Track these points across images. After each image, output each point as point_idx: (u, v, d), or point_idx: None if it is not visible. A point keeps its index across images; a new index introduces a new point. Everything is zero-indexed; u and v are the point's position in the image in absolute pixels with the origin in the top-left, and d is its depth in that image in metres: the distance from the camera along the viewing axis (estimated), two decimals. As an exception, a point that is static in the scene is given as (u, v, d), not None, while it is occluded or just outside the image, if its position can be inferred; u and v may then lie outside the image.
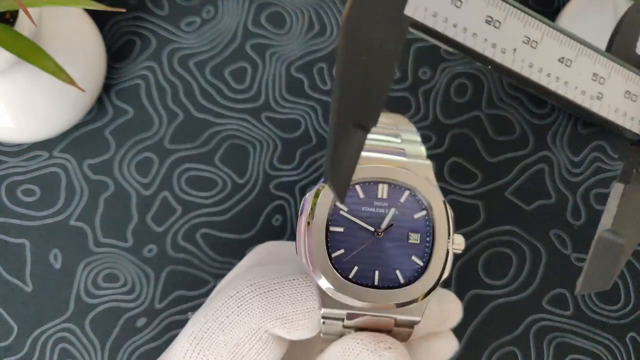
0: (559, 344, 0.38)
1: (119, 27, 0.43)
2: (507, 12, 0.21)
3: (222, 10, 0.44)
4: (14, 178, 0.40)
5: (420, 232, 0.25)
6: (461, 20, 0.21)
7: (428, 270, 0.25)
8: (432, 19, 0.20)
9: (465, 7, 0.21)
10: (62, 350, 0.37)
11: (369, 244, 0.25)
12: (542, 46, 0.22)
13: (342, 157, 0.20)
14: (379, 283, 0.25)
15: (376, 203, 0.26)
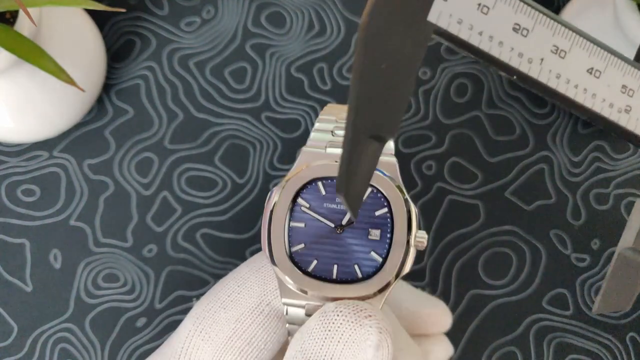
0: (559, 344, 0.38)
1: (119, 27, 0.43)
2: (535, 19, 0.20)
3: (222, 10, 0.44)
4: (14, 178, 0.40)
5: (380, 229, 0.26)
6: (488, 27, 0.20)
7: (385, 266, 0.25)
8: (456, 26, 0.19)
9: (492, 13, 0.20)
10: (62, 350, 0.37)
11: (329, 240, 0.26)
12: (570, 56, 0.21)
13: (356, 170, 0.19)
14: (337, 277, 0.25)
15: (338, 200, 0.26)
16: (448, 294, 0.39)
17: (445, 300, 0.39)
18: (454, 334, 0.38)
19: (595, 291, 0.39)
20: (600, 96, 0.21)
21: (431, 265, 0.39)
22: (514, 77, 0.21)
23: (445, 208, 0.40)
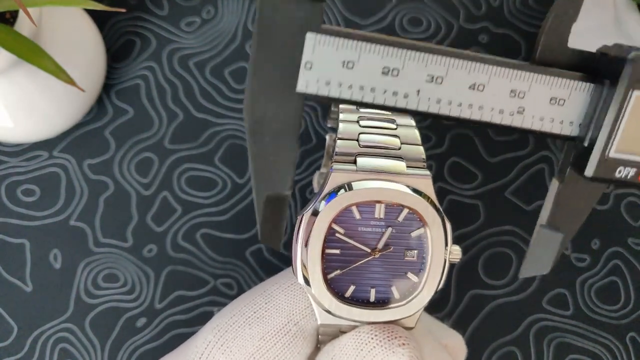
0: (559, 344, 0.38)
1: (119, 27, 0.43)
2: (404, 58, 0.21)
3: (222, 10, 0.44)
4: (14, 178, 0.40)
5: (417, 249, 0.26)
6: (356, 80, 0.21)
7: (424, 286, 0.25)
8: (326, 88, 0.21)
9: (358, 66, 0.21)
10: (62, 350, 0.37)
11: (365, 264, 0.25)
12: (448, 80, 0.22)
13: (269, 221, 0.23)
14: (375, 300, 0.25)
15: (373, 223, 0.26)
16: (448, 294, 0.39)
17: (445, 300, 0.39)
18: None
19: (595, 291, 0.39)
20: (488, 107, 0.22)
21: (431, 265, 0.39)
22: (392, 112, 0.23)
23: (446, 208, 0.40)
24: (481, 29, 0.44)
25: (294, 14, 0.20)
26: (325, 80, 0.21)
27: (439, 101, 0.22)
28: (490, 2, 0.45)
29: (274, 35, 0.21)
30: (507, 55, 0.45)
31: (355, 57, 0.21)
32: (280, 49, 0.21)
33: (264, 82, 0.21)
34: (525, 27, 0.44)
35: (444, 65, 0.22)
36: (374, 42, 0.21)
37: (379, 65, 0.21)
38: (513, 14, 0.45)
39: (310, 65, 0.21)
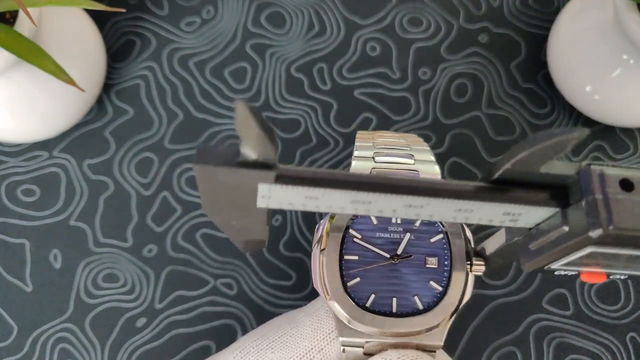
0: (559, 344, 0.38)
1: (119, 27, 0.43)
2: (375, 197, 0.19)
3: (222, 10, 0.44)
4: (14, 178, 0.40)
5: (437, 256, 0.25)
6: (322, 205, 0.20)
7: (447, 295, 0.24)
8: (289, 206, 0.20)
9: (323, 200, 0.19)
10: (62, 350, 0.37)
11: (385, 271, 0.25)
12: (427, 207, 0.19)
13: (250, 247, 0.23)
14: (397, 310, 0.24)
15: (390, 228, 0.25)
16: (448, 294, 0.39)
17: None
18: (454, 334, 0.38)
19: (595, 291, 0.39)
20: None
21: (431, 265, 0.39)
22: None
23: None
24: (481, 29, 0.44)
25: (240, 178, 0.18)
26: (288, 202, 0.20)
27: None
28: (490, 2, 0.45)
29: (220, 188, 0.19)
30: (507, 56, 0.45)
31: (320, 194, 0.19)
32: (232, 194, 0.19)
33: (219, 207, 0.20)
34: (525, 27, 0.44)
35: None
36: (338, 187, 0.19)
37: (347, 199, 0.19)
38: (513, 14, 0.45)
39: (269, 197, 0.19)
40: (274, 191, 0.19)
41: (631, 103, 0.38)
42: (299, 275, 0.39)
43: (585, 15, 0.39)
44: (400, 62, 0.43)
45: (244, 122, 0.17)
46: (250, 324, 0.38)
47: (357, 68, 0.43)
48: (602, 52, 0.37)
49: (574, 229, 0.18)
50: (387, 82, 0.43)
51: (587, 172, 0.18)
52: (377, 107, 0.42)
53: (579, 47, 0.39)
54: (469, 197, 0.19)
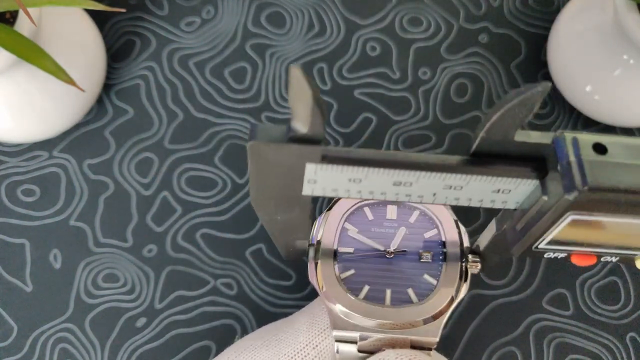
0: (559, 344, 0.38)
1: (119, 27, 0.43)
2: (417, 176, 0.20)
3: (222, 10, 0.44)
4: (14, 178, 0.40)
5: (432, 251, 0.25)
6: (365, 188, 0.20)
7: (441, 288, 0.24)
8: (333, 193, 0.21)
9: (366, 182, 0.20)
10: (62, 350, 0.37)
11: (380, 264, 0.25)
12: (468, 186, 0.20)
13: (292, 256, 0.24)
14: (391, 302, 0.24)
15: (385, 224, 0.26)
16: (448, 294, 0.39)
17: (445, 300, 0.39)
18: (454, 334, 0.38)
19: (595, 291, 0.39)
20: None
21: (431, 265, 0.39)
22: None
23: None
24: (481, 29, 0.44)
25: (289, 154, 0.19)
26: (331, 189, 0.20)
27: (457, 199, 0.21)
28: (490, 2, 0.45)
29: (271, 167, 0.20)
30: (507, 56, 0.45)
31: (363, 175, 0.20)
32: (281, 173, 0.20)
33: (268, 190, 0.21)
34: (525, 27, 0.44)
35: (465, 180, 0.20)
36: (381, 165, 0.19)
37: (389, 180, 0.20)
38: (513, 14, 0.45)
39: (314, 181, 0.20)
40: (319, 173, 0.20)
41: (631, 103, 0.38)
42: (299, 275, 0.39)
43: (585, 15, 0.39)
44: (400, 62, 0.43)
45: (298, 90, 0.17)
46: (250, 324, 0.38)
47: (357, 68, 0.43)
48: (602, 52, 0.37)
49: (552, 196, 0.19)
50: (387, 82, 0.43)
51: (561, 138, 0.18)
52: (377, 107, 0.42)
53: (579, 47, 0.39)
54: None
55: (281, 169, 0.20)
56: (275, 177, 0.20)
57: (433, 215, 0.26)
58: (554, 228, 0.20)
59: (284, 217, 0.22)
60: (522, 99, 0.17)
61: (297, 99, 0.18)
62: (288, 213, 0.22)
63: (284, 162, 0.19)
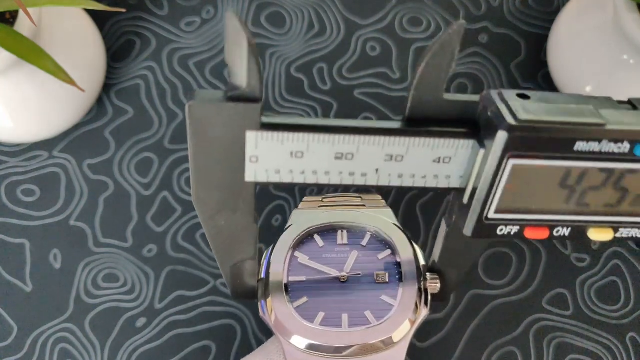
0: (559, 344, 0.38)
1: (119, 27, 0.43)
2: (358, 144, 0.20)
3: (222, 10, 0.44)
4: (14, 178, 0.40)
5: (387, 271, 0.25)
6: (308, 166, 0.20)
7: (399, 308, 0.24)
8: (276, 176, 0.20)
9: (308, 155, 0.20)
10: (62, 350, 0.37)
11: (334, 290, 0.24)
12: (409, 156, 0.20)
13: (239, 285, 0.24)
14: (348, 326, 0.23)
15: (337, 249, 0.25)
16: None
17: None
18: (454, 334, 0.38)
19: (595, 291, 0.39)
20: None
21: (431, 265, 0.39)
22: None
23: (445, 208, 0.40)
24: (481, 29, 0.44)
25: (228, 116, 0.19)
26: (274, 170, 0.20)
27: (401, 175, 0.21)
28: (490, 2, 0.45)
29: (210, 136, 0.19)
30: (507, 56, 0.45)
31: (304, 147, 0.20)
32: (221, 147, 0.20)
33: (208, 176, 0.20)
34: (525, 27, 0.44)
35: (404, 145, 0.20)
36: (321, 131, 0.20)
37: (331, 152, 0.20)
38: (513, 14, 0.45)
39: (256, 158, 0.20)
40: (260, 146, 0.19)
41: (631, 103, 0.38)
42: (299, 275, 0.38)
43: (585, 15, 0.39)
44: (400, 62, 0.43)
45: (234, 40, 0.18)
46: (250, 324, 0.38)
47: (357, 68, 0.43)
48: (602, 52, 0.37)
49: (488, 145, 0.19)
50: (387, 82, 0.43)
51: (488, 94, 0.20)
52: (377, 107, 0.42)
53: (579, 47, 0.39)
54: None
55: (221, 144, 0.19)
56: (216, 155, 0.20)
57: (386, 236, 0.25)
58: (498, 182, 0.20)
59: (227, 219, 0.22)
60: (441, 42, 0.18)
61: (233, 52, 0.18)
62: (231, 212, 0.21)
63: (223, 133, 0.19)
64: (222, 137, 0.20)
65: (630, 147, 0.20)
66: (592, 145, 0.19)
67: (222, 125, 0.19)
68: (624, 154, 0.20)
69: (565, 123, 0.19)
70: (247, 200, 0.22)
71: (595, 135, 0.19)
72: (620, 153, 0.20)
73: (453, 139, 0.20)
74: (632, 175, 0.21)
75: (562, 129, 0.19)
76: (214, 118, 0.19)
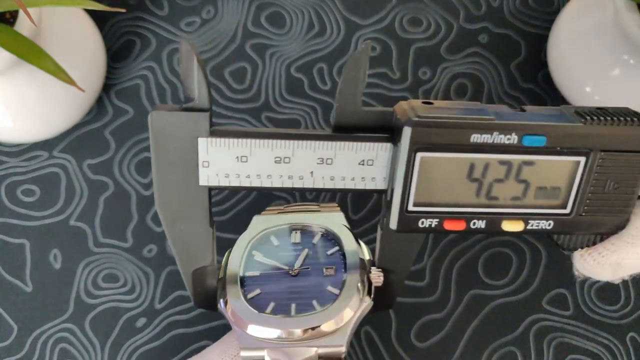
0: (559, 344, 0.38)
1: (119, 27, 0.43)
2: (293, 148, 0.23)
3: (222, 10, 0.44)
4: (14, 178, 0.40)
5: (335, 265, 0.27)
6: (252, 170, 0.24)
7: (342, 295, 0.26)
8: (226, 179, 0.24)
9: (252, 160, 0.23)
10: (62, 350, 0.37)
11: (285, 283, 0.26)
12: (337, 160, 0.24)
13: (200, 292, 0.26)
14: (295, 313, 0.26)
15: (290, 247, 0.27)
16: (448, 294, 0.39)
17: (445, 300, 0.39)
18: (454, 334, 0.38)
19: (595, 291, 0.39)
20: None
21: (431, 265, 0.39)
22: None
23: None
24: (481, 29, 0.44)
25: (182, 123, 0.23)
26: (224, 174, 0.23)
27: (333, 178, 0.24)
28: (490, 2, 0.45)
29: (169, 142, 0.23)
30: (507, 56, 0.45)
31: (247, 152, 0.23)
32: (178, 153, 0.23)
33: (169, 181, 0.24)
34: (525, 27, 0.44)
35: (332, 149, 0.23)
36: (261, 137, 0.23)
37: (271, 156, 0.23)
38: (513, 14, 0.45)
39: (208, 163, 0.23)
40: (211, 152, 0.23)
41: (631, 103, 0.38)
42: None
43: (585, 15, 0.39)
44: (400, 62, 0.43)
45: (187, 62, 0.22)
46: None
47: (357, 68, 0.43)
48: (602, 52, 0.37)
49: (398, 142, 0.23)
50: (387, 82, 0.43)
51: (399, 104, 0.23)
52: (377, 107, 0.42)
53: (579, 47, 0.39)
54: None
55: (178, 150, 0.23)
56: (175, 160, 0.23)
57: (334, 235, 0.28)
58: (411, 175, 0.23)
59: (186, 223, 0.24)
60: (353, 59, 0.22)
61: (186, 70, 0.22)
62: (189, 216, 0.24)
63: (180, 140, 0.23)
64: (178, 143, 0.23)
65: (518, 138, 0.22)
66: (485, 136, 0.22)
67: (178, 132, 0.23)
68: (514, 145, 0.22)
69: (460, 118, 0.22)
70: (203, 204, 0.24)
71: (486, 127, 0.22)
72: (511, 144, 0.22)
73: (373, 142, 0.23)
74: (529, 167, 0.23)
75: (457, 123, 0.22)
76: (171, 126, 0.23)
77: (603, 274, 0.24)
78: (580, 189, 0.24)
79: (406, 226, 0.24)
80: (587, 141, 0.23)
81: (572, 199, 0.24)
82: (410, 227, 0.24)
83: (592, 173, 0.24)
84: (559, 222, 0.25)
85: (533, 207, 0.24)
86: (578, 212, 0.24)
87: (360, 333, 0.38)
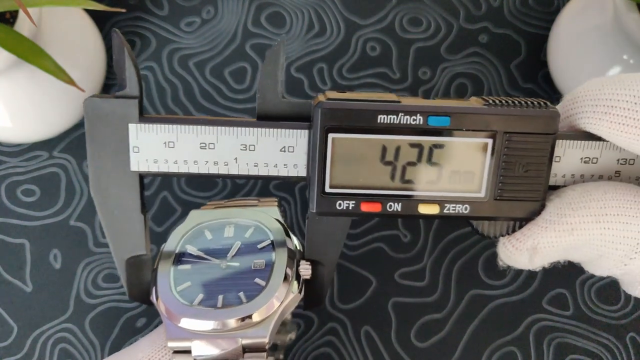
0: (559, 344, 0.38)
1: (119, 27, 0.43)
2: (217, 133, 0.24)
3: (222, 10, 0.44)
4: (14, 178, 0.40)
5: (264, 259, 0.27)
6: (179, 156, 0.24)
7: (268, 287, 0.26)
8: (155, 165, 0.25)
9: (178, 145, 0.24)
10: (62, 350, 0.37)
11: (214, 275, 0.27)
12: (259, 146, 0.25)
13: (134, 282, 0.27)
14: (222, 305, 0.26)
15: (223, 241, 0.28)
16: (448, 294, 0.39)
17: (445, 300, 0.39)
18: (454, 334, 0.38)
19: (595, 291, 0.39)
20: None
21: (431, 265, 0.39)
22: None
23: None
24: (481, 29, 0.44)
25: (114, 110, 0.24)
26: (152, 159, 0.24)
27: (256, 164, 0.25)
28: (490, 2, 0.45)
29: (102, 127, 0.24)
30: (507, 56, 0.45)
31: (174, 137, 0.24)
32: (111, 139, 0.24)
33: (102, 166, 0.25)
34: (525, 27, 0.44)
35: (254, 135, 0.24)
36: (187, 123, 0.24)
37: (196, 142, 0.24)
38: (513, 14, 0.45)
39: (138, 148, 0.24)
40: (140, 137, 0.24)
41: (631, 103, 0.38)
42: (299, 275, 0.39)
43: (585, 15, 0.39)
44: (400, 62, 0.43)
45: (119, 54, 0.23)
46: (250, 324, 0.38)
47: (357, 68, 0.43)
48: (602, 52, 0.37)
49: (312, 125, 0.24)
50: (387, 82, 0.43)
51: (318, 95, 0.24)
52: (377, 107, 0.42)
53: (579, 47, 0.39)
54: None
55: (111, 135, 0.24)
56: (107, 145, 0.24)
57: (266, 228, 0.28)
58: (325, 156, 0.24)
59: (119, 208, 0.25)
60: (269, 53, 0.24)
61: (118, 61, 0.24)
62: (121, 201, 0.25)
63: (112, 125, 0.24)
64: (111, 129, 0.24)
65: (423, 118, 0.23)
66: (392, 117, 0.23)
67: (110, 118, 0.24)
68: (420, 126, 0.23)
69: (367, 100, 0.23)
70: (135, 190, 0.25)
71: (391, 108, 0.23)
72: (417, 125, 0.23)
73: (292, 129, 0.24)
74: (440, 150, 0.24)
75: (363, 104, 0.23)
76: (104, 112, 0.24)
77: (520, 260, 0.24)
78: (491, 173, 0.24)
79: (325, 207, 0.25)
80: (490, 122, 0.23)
81: (485, 183, 0.24)
82: (330, 209, 0.25)
83: (501, 155, 0.24)
84: (475, 207, 0.25)
85: (448, 191, 0.24)
86: (492, 197, 0.24)
87: (360, 333, 0.38)
